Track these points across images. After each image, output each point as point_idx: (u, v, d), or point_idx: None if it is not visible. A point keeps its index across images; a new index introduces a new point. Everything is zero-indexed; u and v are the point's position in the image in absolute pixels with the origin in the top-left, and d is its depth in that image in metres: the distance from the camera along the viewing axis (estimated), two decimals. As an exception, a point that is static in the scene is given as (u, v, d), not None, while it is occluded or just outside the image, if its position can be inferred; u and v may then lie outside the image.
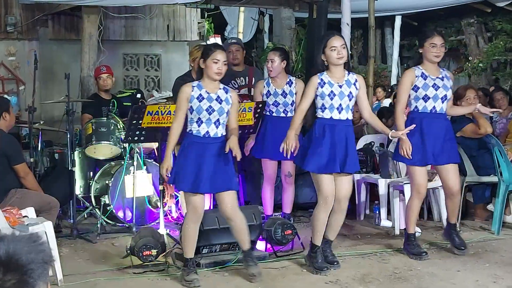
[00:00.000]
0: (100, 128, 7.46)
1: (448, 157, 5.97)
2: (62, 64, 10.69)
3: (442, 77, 5.98)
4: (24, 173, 6.08)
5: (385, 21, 15.70)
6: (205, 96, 5.24)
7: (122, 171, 7.24)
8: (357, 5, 9.64)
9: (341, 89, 5.52)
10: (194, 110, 5.22)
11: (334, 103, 5.49)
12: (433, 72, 5.97)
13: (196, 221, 5.32)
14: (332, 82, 5.52)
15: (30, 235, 1.93)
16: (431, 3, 11.72)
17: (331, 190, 5.53)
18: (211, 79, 5.29)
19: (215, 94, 5.28)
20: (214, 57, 5.23)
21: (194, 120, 5.24)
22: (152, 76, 11.94)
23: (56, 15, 10.81)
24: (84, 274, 5.63)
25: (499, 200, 6.85)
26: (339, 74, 5.56)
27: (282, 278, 5.54)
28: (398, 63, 14.46)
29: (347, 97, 5.52)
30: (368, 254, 6.13)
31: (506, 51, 13.30)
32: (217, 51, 5.28)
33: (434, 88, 5.90)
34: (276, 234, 6.11)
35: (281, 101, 6.88)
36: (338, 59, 5.50)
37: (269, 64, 6.88)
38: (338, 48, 5.48)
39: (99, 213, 7.18)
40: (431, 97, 5.90)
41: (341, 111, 5.51)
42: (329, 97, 5.49)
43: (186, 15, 11.86)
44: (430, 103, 5.91)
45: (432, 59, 5.93)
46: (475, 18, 13.97)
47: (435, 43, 5.89)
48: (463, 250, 6.08)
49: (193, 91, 5.25)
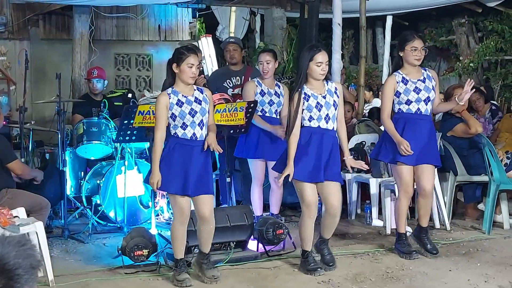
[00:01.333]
0: (91, 128, 7.45)
1: (427, 157, 5.96)
2: (53, 64, 10.64)
3: (424, 79, 5.97)
4: (19, 169, 6.07)
5: (376, 21, 15.71)
6: (183, 100, 5.22)
7: (113, 171, 7.23)
8: (348, 5, 9.65)
9: (326, 99, 5.53)
10: (177, 116, 5.19)
11: (322, 114, 5.50)
12: (414, 75, 5.97)
13: (184, 223, 5.32)
14: (315, 94, 5.52)
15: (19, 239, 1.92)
16: (422, 3, 11.73)
17: (314, 198, 5.55)
18: (185, 83, 5.25)
19: (192, 96, 5.26)
20: (189, 62, 5.18)
21: (179, 126, 5.21)
22: (144, 76, 11.90)
23: (47, 15, 10.76)
24: (75, 274, 5.62)
25: (490, 200, 6.87)
26: (319, 85, 5.58)
27: (274, 278, 5.54)
28: (389, 63, 14.45)
29: (332, 106, 5.55)
30: (360, 254, 6.14)
31: (497, 51, 13.33)
32: (190, 55, 5.21)
33: (416, 92, 5.90)
34: (267, 233, 6.11)
35: (276, 101, 6.89)
36: (321, 75, 5.52)
37: (264, 65, 6.87)
38: (323, 65, 5.49)
39: (90, 213, 7.16)
40: (414, 101, 5.91)
41: (328, 121, 5.53)
42: (316, 108, 5.50)
43: (177, 15, 11.82)
44: (413, 106, 5.92)
45: (413, 62, 5.93)
46: (466, 18, 14.00)
47: (416, 46, 5.89)
48: (435, 254, 6.04)
49: (170, 98, 5.20)
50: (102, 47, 10.80)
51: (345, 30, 13.12)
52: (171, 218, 7.27)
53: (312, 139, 5.48)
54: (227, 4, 10.83)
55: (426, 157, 5.96)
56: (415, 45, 5.89)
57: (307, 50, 5.58)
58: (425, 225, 6.16)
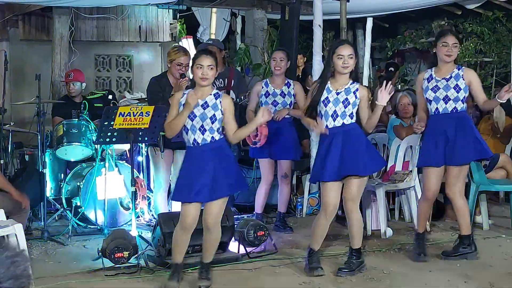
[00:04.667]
0: (71, 130, 7.41)
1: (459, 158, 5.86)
2: (33, 65, 10.57)
3: (450, 77, 5.88)
4: None
5: (356, 23, 15.76)
6: None
7: (94, 172, 7.19)
8: (329, 7, 9.67)
9: (337, 96, 5.49)
10: None
11: (328, 110, 5.47)
12: (442, 73, 5.91)
13: (185, 229, 5.16)
14: (330, 89, 5.51)
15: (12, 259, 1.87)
16: (402, 5, 11.79)
17: (331, 199, 5.49)
18: (199, 85, 5.16)
19: (203, 100, 5.13)
20: (199, 62, 5.12)
21: (183, 129, 5.16)
22: (124, 77, 11.86)
23: (26, 16, 10.69)
24: (55, 276, 5.58)
25: (469, 201, 6.91)
26: (342, 81, 5.53)
27: (255, 279, 5.55)
28: (369, 65, 14.51)
29: (341, 103, 5.47)
30: (341, 255, 6.15)
31: (476, 53, 13.41)
32: (201, 56, 5.16)
33: (433, 91, 5.87)
34: (248, 235, 6.12)
35: (280, 101, 6.99)
36: (343, 68, 5.48)
37: (277, 62, 6.95)
38: (345, 57, 5.46)
39: (70, 215, 7.12)
40: (432, 99, 5.89)
41: (335, 119, 5.47)
42: (323, 103, 5.49)
43: (158, 16, 11.79)
44: (433, 105, 5.90)
45: (443, 58, 5.87)
46: (446, 20, 14.07)
47: (447, 42, 5.83)
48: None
49: (182, 97, 5.16)
50: (82, 48, 10.75)
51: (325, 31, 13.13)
52: (151, 220, 7.26)
53: (324, 139, 5.51)
54: (208, 6, 10.81)
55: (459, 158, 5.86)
56: (446, 40, 5.84)
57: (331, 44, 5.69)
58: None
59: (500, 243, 6.61)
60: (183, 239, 5.23)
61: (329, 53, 5.56)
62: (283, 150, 6.98)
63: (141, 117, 6.20)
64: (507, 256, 6.15)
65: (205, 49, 5.40)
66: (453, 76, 5.90)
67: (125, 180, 7.21)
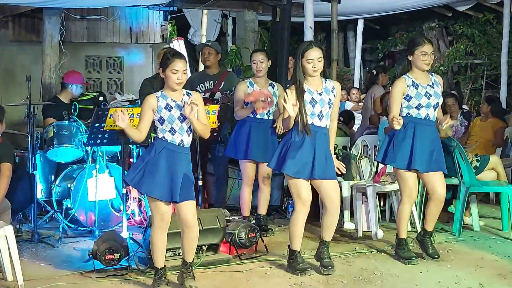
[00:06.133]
0: (62, 131, 7.39)
1: (438, 165, 5.96)
2: (23, 67, 10.55)
3: (432, 84, 5.95)
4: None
5: (347, 25, 15.81)
6: (172, 105, 5.15)
7: (84, 174, 7.17)
8: (320, 8, 9.69)
9: (321, 97, 5.55)
10: (165, 120, 5.13)
11: (315, 110, 5.51)
12: (423, 80, 5.95)
13: (164, 229, 5.23)
14: (311, 90, 5.54)
15: None
16: (393, 7, 11.82)
17: (308, 194, 5.57)
18: (172, 89, 5.18)
19: (182, 101, 5.16)
20: (173, 67, 5.11)
21: (167, 130, 5.14)
22: (115, 78, 11.84)
23: (16, 17, 10.66)
24: (45, 279, 5.56)
25: (460, 202, 6.93)
26: (316, 82, 5.59)
27: (246, 281, 5.55)
28: (360, 66, 14.57)
29: (327, 104, 5.56)
30: (332, 256, 6.14)
31: (467, 54, 13.48)
32: (175, 60, 5.13)
33: (427, 97, 5.88)
34: (240, 237, 6.12)
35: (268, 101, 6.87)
36: (313, 72, 5.53)
37: (258, 64, 6.90)
38: (314, 61, 5.51)
39: (60, 217, 7.10)
40: (424, 106, 5.89)
41: (321, 118, 5.54)
42: (310, 104, 5.51)
43: (149, 18, 11.78)
44: (423, 111, 5.90)
45: (422, 67, 5.91)
46: (436, 22, 14.14)
47: (426, 51, 5.87)
48: (436, 258, 6.04)
49: (159, 101, 5.14)
50: (73, 49, 10.73)
51: (316, 33, 13.19)
52: (142, 222, 7.25)
53: (306, 136, 5.50)
54: (199, 7, 10.81)
55: (437, 164, 5.96)
56: (425, 50, 5.87)
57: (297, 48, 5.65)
58: (430, 229, 6.16)
59: (490, 244, 6.63)
60: (163, 239, 5.26)
61: (298, 57, 5.56)
62: (264, 152, 6.86)
63: (132, 119, 6.19)
64: (498, 257, 6.16)
65: (178, 53, 5.36)
66: (434, 83, 5.98)
67: (116, 181, 7.20)
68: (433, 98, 5.91)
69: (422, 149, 5.89)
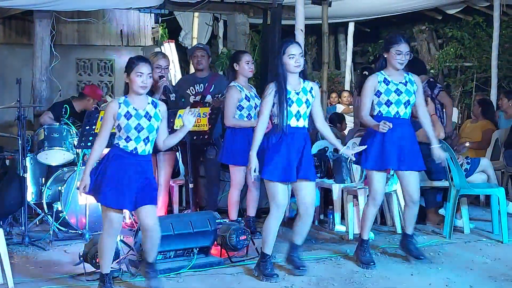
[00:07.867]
0: (52, 134, 7.38)
1: (410, 163, 5.94)
2: (13, 69, 10.53)
3: (406, 82, 5.94)
4: None
5: (338, 28, 15.84)
6: (133, 113, 5.04)
7: (75, 177, 7.16)
8: (311, 11, 9.71)
9: (299, 96, 5.52)
10: (122, 128, 5.03)
11: (292, 110, 5.48)
12: (396, 77, 5.94)
13: (113, 235, 5.18)
14: (289, 89, 5.51)
15: None
16: (384, 10, 11.86)
17: (285, 198, 5.56)
18: (136, 94, 5.08)
19: (144, 110, 5.07)
20: (138, 70, 5.02)
21: (123, 138, 5.05)
22: (106, 81, 11.84)
23: (7, 19, 10.65)
24: (36, 282, 5.55)
25: (450, 205, 6.95)
26: (294, 82, 5.57)
27: (237, 283, 5.54)
28: (351, 69, 14.59)
29: (304, 104, 5.53)
30: (323, 259, 6.17)
31: (457, 57, 13.53)
32: (140, 63, 5.05)
33: (397, 94, 5.89)
34: (230, 239, 6.11)
35: (245, 105, 6.84)
36: (296, 67, 5.50)
37: (250, 65, 6.87)
38: (296, 56, 5.48)
39: (51, 219, 7.08)
40: (393, 103, 5.89)
41: (299, 119, 5.52)
42: (286, 103, 5.47)
43: (140, 20, 11.79)
44: (393, 108, 5.90)
45: (396, 66, 5.91)
46: (427, 25, 14.19)
47: (401, 50, 5.86)
48: (421, 259, 6.03)
49: (120, 108, 5.03)
50: (64, 52, 10.70)
51: (307, 36, 13.19)
52: (133, 225, 7.24)
53: (283, 138, 5.47)
54: (190, 10, 10.81)
55: (409, 163, 5.93)
56: (400, 48, 5.86)
57: (279, 44, 5.64)
58: (410, 233, 6.15)
59: (480, 247, 6.65)
60: (112, 245, 5.21)
61: (279, 54, 5.54)
62: None
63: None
64: (488, 260, 6.19)
65: (143, 56, 5.32)
66: (407, 81, 5.97)
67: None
68: (403, 95, 5.89)
69: (391, 146, 5.87)
